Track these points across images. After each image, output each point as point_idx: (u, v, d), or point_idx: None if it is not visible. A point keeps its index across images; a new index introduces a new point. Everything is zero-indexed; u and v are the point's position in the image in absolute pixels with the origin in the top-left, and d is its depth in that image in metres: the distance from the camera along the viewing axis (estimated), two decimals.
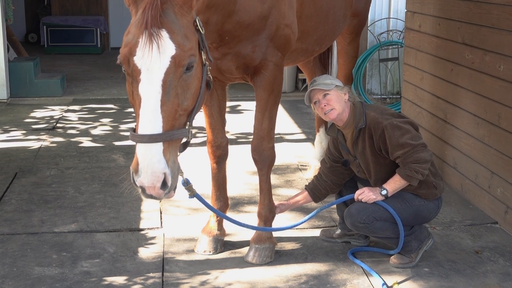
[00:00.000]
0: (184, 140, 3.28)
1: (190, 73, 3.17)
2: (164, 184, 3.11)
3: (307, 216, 4.38)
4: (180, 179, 3.37)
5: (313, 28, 4.55)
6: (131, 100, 3.22)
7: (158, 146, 3.08)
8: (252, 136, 4.30)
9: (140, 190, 3.17)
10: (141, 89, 3.08)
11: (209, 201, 4.66)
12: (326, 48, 5.46)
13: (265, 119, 4.19)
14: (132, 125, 3.33)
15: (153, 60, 3.03)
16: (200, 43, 3.27)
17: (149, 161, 3.07)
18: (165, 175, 3.10)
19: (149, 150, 3.08)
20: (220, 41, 3.91)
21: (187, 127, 3.23)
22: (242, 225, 4.19)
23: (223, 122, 4.48)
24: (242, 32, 3.91)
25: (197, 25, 3.24)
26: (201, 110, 4.30)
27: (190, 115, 3.25)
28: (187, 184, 3.59)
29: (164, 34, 3.03)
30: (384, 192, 4.10)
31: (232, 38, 3.92)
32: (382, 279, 4.02)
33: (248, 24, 3.90)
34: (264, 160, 4.27)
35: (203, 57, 3.32)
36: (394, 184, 4.08)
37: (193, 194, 3.64)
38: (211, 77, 3.45)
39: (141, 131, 3.09)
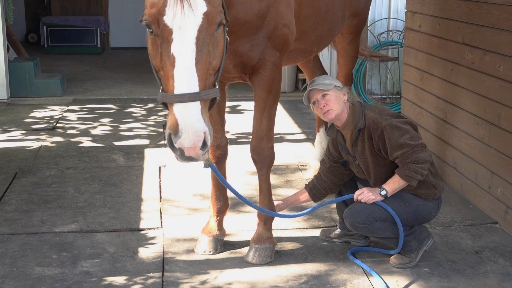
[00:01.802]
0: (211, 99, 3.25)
1: (219, 31, 3.18)
2: (204, 144, 3.10)
3: (307, 210, 4.42)
4: None
5: (311, 28, 4.55)
6: (156, 62, 3.19)
7: (197, 105, 3.08)
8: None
9: (178, 152, 3.12)
10: (174, 49, 3.08)
11: (209, 202, 4.67)
12: (324, 48, 5.45)
13: (264, 119, 4.18)
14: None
15: (186, 18, 3.03)
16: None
17: (190, 120, 3.06)
18: (205, 134, 3.09)
19: (189, 109, 3.06)
20: None
21: (216, 87, 3.23)
22: (248, 203, 4.13)
23: (222, 122, 4.48)
24: (240, 29, 3.90)
25: None
26: None
27: (217, 74, 3.27)
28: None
29: None
30: (383, 192, 4.10)
31: (230, 35, 3.91)
32: (382, 279, 4.02)
33: (245, 21, 3.90)
34: (264, 160, 4.27)
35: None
36: (394, 184, 4.08)
37: (208, 163, 3.51)
38: (228, 38, 3.45)
39: (178, 90, 3.07)
